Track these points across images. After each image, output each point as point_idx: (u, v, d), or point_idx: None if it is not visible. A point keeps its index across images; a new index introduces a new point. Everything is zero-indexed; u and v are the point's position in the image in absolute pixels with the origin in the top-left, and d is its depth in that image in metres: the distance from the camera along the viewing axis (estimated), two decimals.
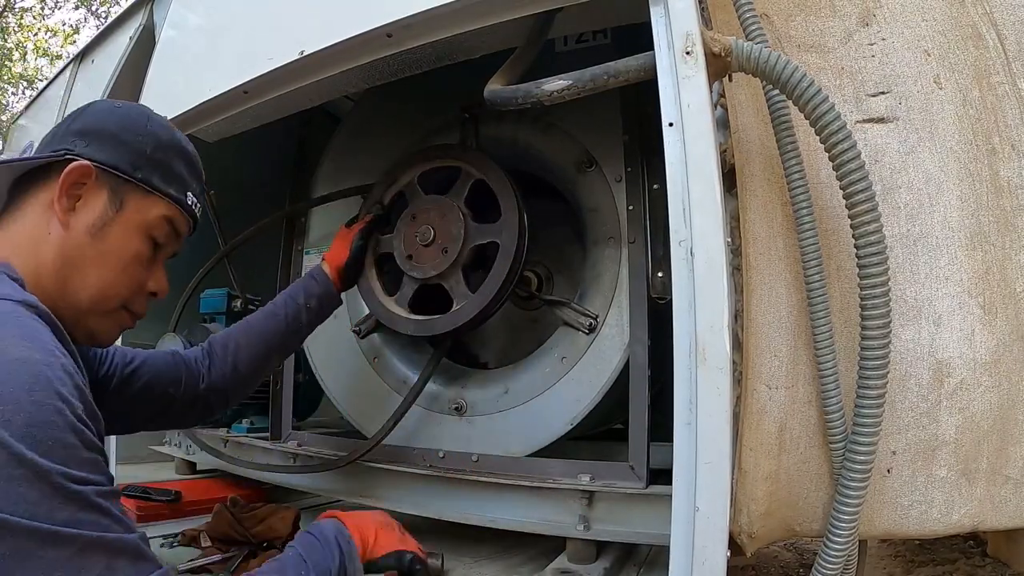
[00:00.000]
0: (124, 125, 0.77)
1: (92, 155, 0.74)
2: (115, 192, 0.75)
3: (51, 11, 10.90)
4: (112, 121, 0.77)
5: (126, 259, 0.77)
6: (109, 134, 0.76)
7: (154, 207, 0.78)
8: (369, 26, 0.99)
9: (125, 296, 0.78)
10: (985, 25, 0.94)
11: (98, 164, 0.74)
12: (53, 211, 0.72)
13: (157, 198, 0.78)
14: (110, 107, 0.79)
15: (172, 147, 0.81)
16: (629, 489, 1.08)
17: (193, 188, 0.83)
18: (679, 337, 0.72)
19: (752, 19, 0.89)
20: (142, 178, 0.77)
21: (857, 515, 0.79)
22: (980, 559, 2.24)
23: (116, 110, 0.79)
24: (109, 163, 0.75)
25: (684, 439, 0.71)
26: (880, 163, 0.88)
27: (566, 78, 0.82)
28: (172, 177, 0.80)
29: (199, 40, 1.34)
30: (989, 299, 0.84)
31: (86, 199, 0.74)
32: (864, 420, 0.77)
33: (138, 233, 0.78)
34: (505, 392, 1.30)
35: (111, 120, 0.77)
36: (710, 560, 0.68)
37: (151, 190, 0.78)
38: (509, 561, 1.22)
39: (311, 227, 1.67)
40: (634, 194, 1.22)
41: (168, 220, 0.80)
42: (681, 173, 0.74)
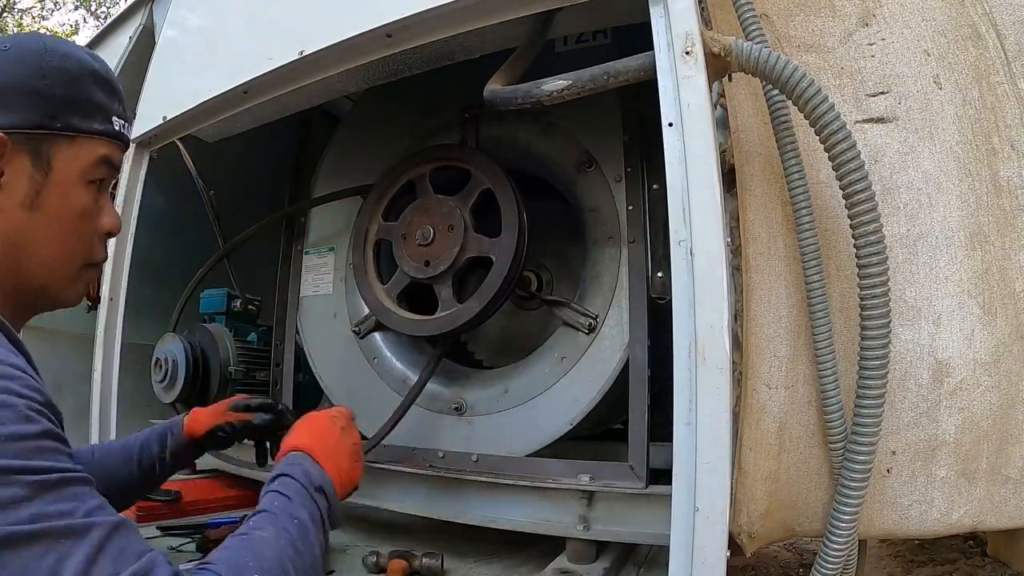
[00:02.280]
0: (22, 72, 0.66)
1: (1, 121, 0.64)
2: (38, 153, 0.66)
3: (50, 12, 10.90)
4: (8, 72, 0.66)
5: (73, 219, 0.70)
6: (8, 89, 0.65)
7: (85, 151, 0.70)
8: (369, 26, 0.99)
9: (83, 254, 0.72)
10: (985, 25, 0.94)
11: (8, 130, 0.64)
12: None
13: (84, 139, 0.69)
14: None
15: (81, 76, 0.70)
16: (629, 489, 1.08)
17: (115, 110, 0.73)
18: (679, 337, 0.72)
19: (752, 19, 0.89)
20: (62, 126, 0.67)
21: (857, 515, 0.79)
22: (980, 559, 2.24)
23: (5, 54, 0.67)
24: (20, 124, 0.65)
25: (684, 439, 0.71)
26: (880, 163, 0.88)
27: (566, 78, 0.82)
28: (93, 109, 0.70)
29: (199, 40, 1.34)
30: (989, 299, 0.84)
31: (8, 172, 0.65)
32: (864, 420, 0.77)
33: (77, 186, 0.69)
34: (505, 392, 1.30)
35: (7, 72, 0.66)
36: (710, 560, 0.68)
37: (76, 134, 0.68)
38: (509, 561, 1.22)
39: (311, 227, 1.67)
40: (634, 194, 1.22)
41: (103, 158, 0.71)
42: (681, 173, 0.74)
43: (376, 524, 1.48)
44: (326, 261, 1.60)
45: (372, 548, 1.23)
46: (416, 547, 1.20)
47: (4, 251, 0.65)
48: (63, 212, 0.69)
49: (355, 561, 1.22)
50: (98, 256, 0.74)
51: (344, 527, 1.45)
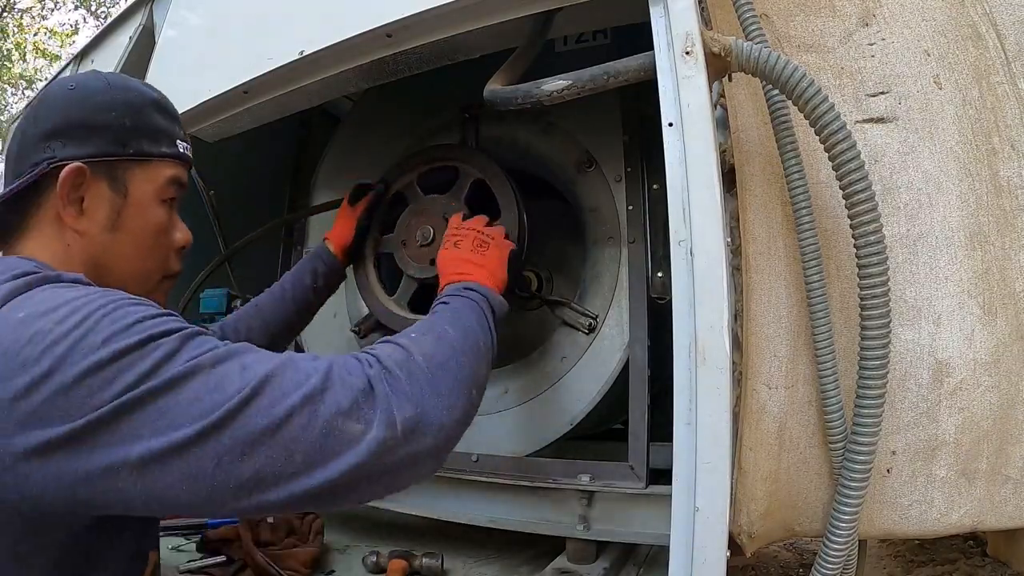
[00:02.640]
0: (90, 106, 0.72)
1: (76, 152, 0.70)
2: (114, 178, 0.73)
3: (50, 12, 10.90)
4: (76, 108, 0.72)
5: (151, 236, 0.76)
6: (82, 123, 0.71)
7: (156, 173, 0.76)
8: (369, 26, 0.99)
9: (161, 268, 0.78)
10: (985, 25, 0.94)
11: (88, 159, 0.70)
12: (62, 223, 0.70)
13: (155, 163, 0.76)
14: (65, 92, 0.74)
15: (144, 105, 0.76)
16: (629, 489, 1.08)
17: (178, 134, 0.80)
18: (679, 337, 0.72)
19: (752, 19, 0.89)
20: (134, 152, 0.74)
21: (857, 515, 0.79)
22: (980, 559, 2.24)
23: (73, 93, 0.73)
24: (98, 153, 0.71)
25: (684, 439, 0.71)
26: (880, 163, 0.88)
27: (566, 78, 0.82)
28: (158, 135, 0.77)
29: (199, 40, 1.34)
30: (989, 299, 0.84)
31: (89, 198, 0.71)
32: (864, 420, 0.77)
33: (151, 205, 0.76)
34: (505, 392, 1.30)
35: (75, 107, 0.72)
36: (710, 560, 0.68)
37: (147, 158, 0.75)
38: (509, 561, 1.22)
39: (311, 228, 1.67)
40: (634, 194, 1.22)
41: (173, 178, 0.78)
42: (681, 173, 0.74)
43: (376, 524, 1.48)
44: None
45: (372, 548, 1.23)
46: (416, 547, 1.20)
47: (92, 270, 0.70)
48: (142, 231, 0.75)
49: (355, 561, 1.22)
50: (174, 268, 0.81)
51: (344, 527, 1.45)
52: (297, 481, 0.55)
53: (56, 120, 0.71)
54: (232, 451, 0.53)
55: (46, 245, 0.70)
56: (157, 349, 0.55)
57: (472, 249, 1.01)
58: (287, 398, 0.55)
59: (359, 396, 0.58)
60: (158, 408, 0.53)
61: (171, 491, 0.53)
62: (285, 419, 0.54)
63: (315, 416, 0.56)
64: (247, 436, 0.53)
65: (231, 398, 0.54)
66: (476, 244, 1.02)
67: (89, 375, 0.52)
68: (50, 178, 0.69)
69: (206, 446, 0.53)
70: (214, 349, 0.57)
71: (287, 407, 0.55)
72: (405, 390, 0.61)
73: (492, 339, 0.83)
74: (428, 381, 0.64)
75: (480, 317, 0.83)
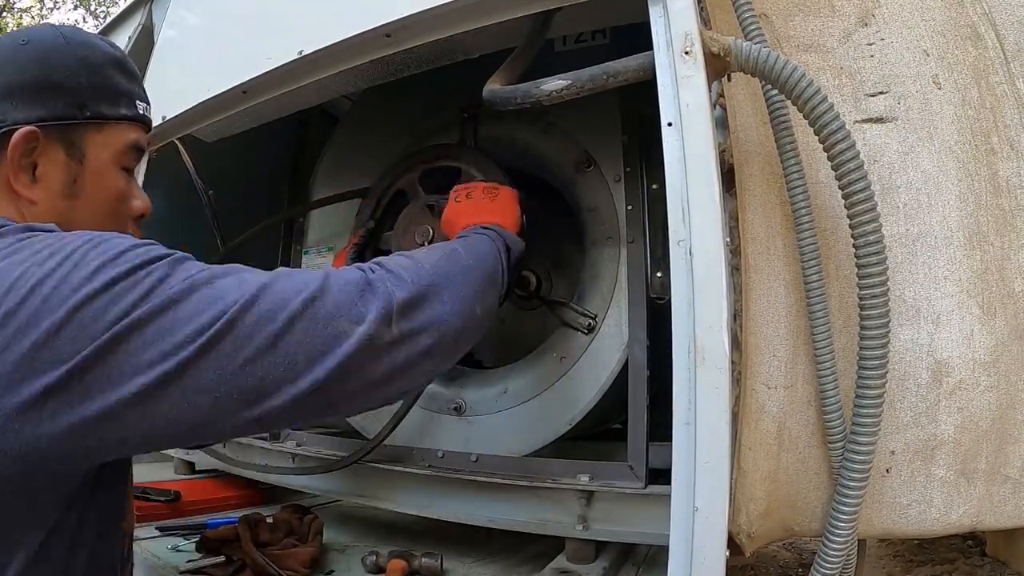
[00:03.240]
0: (45, 64, 0.66)
1: (29, 116, 0.65)
2: (70, 143, 0.67)
3: (49, 11, 10.89)
4: (30, 65, 0.66)
5: (109, 204, 0.72)
6: (35, 83, 0.66)
7: (115, 137, 0.71)
8: (368, 26, 0.99)
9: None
10: (984, 25, 0.94)
11: (41, 123, 0.65)
12: (13, 192, 0.65)
13: (113, 126, 0.71)
14: (16, 48, 0.67)
15: (103, 63, 0.70)
16: (628, 489, 1.08)
17: (138, 94, 0.75)
18: (678, 337, 0.72)
19: (751, 19, 0.89)
20: (91, 115, 0.68)
21: (856, 515, 0.78)
22: (979, 559, 2.25)
23: (25, 49, 0.66)
24: (52, 117, 0.66)
25: (683, 439, 0.70)
26: (879, 163, 0.88)
27: (565, 78, 0.82)
28: (118, 96, 0.71)
29: (198, 40, 1.34)
30: (988, 299, 0.84)
31: (43, 164, 0.66)
32: (863, 420, 0.77)
33: (110, 172, 0.71)
34: (504, 392, 1.30)
35: (29, 65, 0.66)
36: (709, 560, 0.68)
37: (105, 121, 0.70)
38: (508, 561, 1.22)
39: (310, 228, 1.67)
40: (633, 194, 1.22)
41: (133, 143, 0.73)
42: (680, 173, 0.74)
43: (375, 524, 1.48)
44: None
45: (371, 548, 1.23)
46: (415, 547, 1.20)
47: None
48: (100, 197, 0.71)
49: (354, 561, 1.22)
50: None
51: (343, 527, 1.45)
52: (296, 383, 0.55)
53: (6, 79, 0.65)
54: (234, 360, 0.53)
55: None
56: (150, 275, 0.53)
57: (484, 196, 1.02)
58: (287, 303, 0.55)
59: (357, 295, 0.59)
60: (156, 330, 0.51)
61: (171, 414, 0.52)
62: (287, 323, 0.55)
63: (315, 318, 0.56)
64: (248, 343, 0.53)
65: (229, 307, 0.53)
66: (486, 191, 1.03)
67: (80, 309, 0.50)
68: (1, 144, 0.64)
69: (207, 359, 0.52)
70: (209, 268, 0.57)
71: (288, 312, 0.55)
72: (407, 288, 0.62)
73: (504, 272, 0.83)
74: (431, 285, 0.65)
75: (494, 249, 0.84)
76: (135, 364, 0.50)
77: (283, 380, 0.54)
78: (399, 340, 0.60)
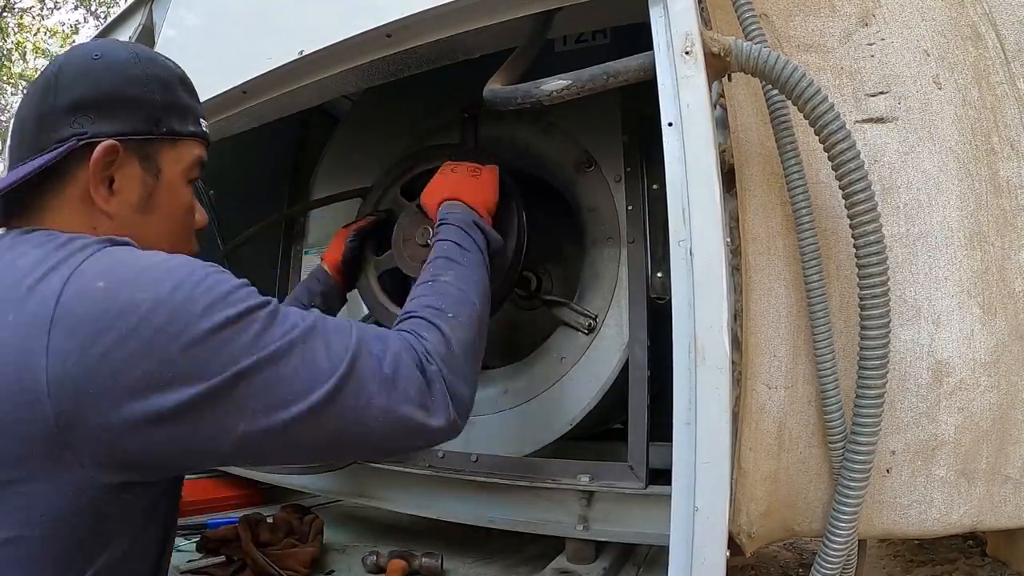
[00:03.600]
0: (120, 78, 0.68)
1: (108, 129, 0.66)
2: (146, 157, 0.69)
3: (50, 11, 10.89)
4: (105, 79, 0.67)
5: (181, 218, 0.75)
6: (112, 97, 0.67)
7: (186, 152, 0.74)
8: (369, 26, 0.99)
9: (188, 249, 0.76)
10: (984, 25, 0.94)
11: (121, 137, 0.66)
12: (90, 204, 0.66)
13: (184, 142, 0.73)
14: (89, 61, 0.68)
15: (172, 81, 0.73)
16: (628, 489, 1.08)
17: (201, 111, 0.78)
18: (678, 337, 0.72)
19: (751, 19, 0.89)
20: (167, 131, 0.70)
21: (856, 515, 0.78)
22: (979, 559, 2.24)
23: (99, 63, 0.67)
24: (130, 131, 0.67)
25: (683, 439, 0.70)
26: (879, 163, 0.88)
27: (565, 78, 0.82)
28: (187, 114, 0.74)
29: (198, 40, 1.34)
30: (988, 299, 0.84)
31: (120, 178, 0.67)
32: (863, 420, 0.77)
33: (180, 186, 0.74)
34: (505, 392, 1.30)
35: (106, 80, 0.67)
36: (709, 560, 0.68)
37: (178, 137, 0.72)
38: (508, 561, 1.22)
39: (310, 227, 1.67)
40: (633, 194, 1.22)
41: (199, 159, 0.76)
42: (680, 173, 0.74)
43: (376, 524, 1.48)
44: None
45: (371, 548, 1.23)
46: (416, 547, 1.20)
47: None
48: (173, 212, 0.74)
49: (354, 561, 1.22)
50: (195, 250, 0.80)
51: (344, 527, 1.45)
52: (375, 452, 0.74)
53: (82, 92, 0.66)
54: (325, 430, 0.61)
55: (71, 226, 0.65)
56: (255, 322, 0.58)
57: (467, 174, 1.06)
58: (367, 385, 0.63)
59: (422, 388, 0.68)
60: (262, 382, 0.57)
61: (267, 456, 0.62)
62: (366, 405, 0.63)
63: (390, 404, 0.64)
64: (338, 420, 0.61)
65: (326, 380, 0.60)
66: (470, 170, 1.07)
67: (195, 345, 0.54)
68: (79, 155, 0.65)
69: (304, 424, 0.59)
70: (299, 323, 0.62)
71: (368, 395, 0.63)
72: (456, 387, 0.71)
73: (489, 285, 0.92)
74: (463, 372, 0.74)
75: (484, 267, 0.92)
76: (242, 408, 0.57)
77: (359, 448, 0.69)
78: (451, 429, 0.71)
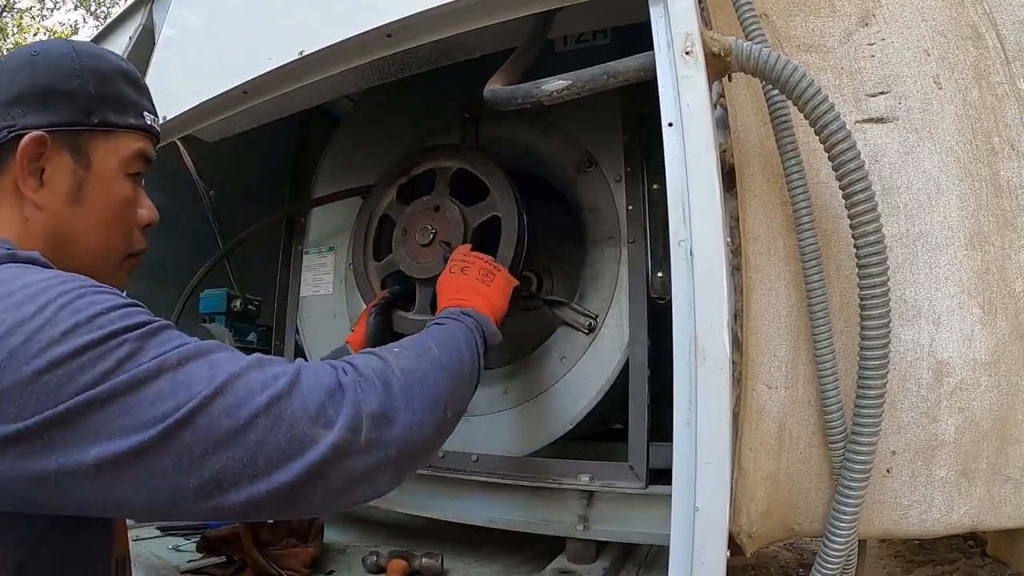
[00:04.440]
0: (55, 73, 0.68)
1: (38, 121, 0.66)
2: (77, 148, 0.69)
3: (50, 12, 10.89)
4: (40, 74, 0.68)
5: (115, 210, 0.73)
6: (45, 90, 0.67)
7: (121, 145, 0.73)
8: (369, 26, 0.99)
9: (125, 244, 0.75)
10: (985, 25, 0.94)
11: (49, 128, 0.67)
12: (20, 196, 0.66)
13: (120, 134, 0.73)
14: (28, 58, 0.69)
15: (111, 74, 0.73)
16: (629, 489, 1.08)
17: (145, 105, 0.77)
18: (679, 337, 0.72)
19: (752, 19, 0.89)
20: (99, 122, 0.70)
21: (857, 515, 0.79)
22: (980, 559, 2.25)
23: (35, 58, 0.69)
24: (60, 122, 0.68)
25: (684, 439, 0.71)
26: (880, 163, 0.88)
27: (566, 78, 0.82)
28: (125, 106, 0.73)
29: (198, 40, 1.34)
30: (989, 299, 0.84)
31: (50, 169, 0.67)
32: (864, 420, 0.77)
33: (116, 178, 0.73)
34: (505, 392, 1.30)
35: (39, 74, 0.68)
36: (710, 560, 0.68)
37: (112, 129, 0.72)
38: (509, 561, 1.22)
39: (311, 227, 1.67)
40: (634, 194, 1.22)
41: (139, 152, 0.75)
42: (681, 173, 0.74)
43: (376, 524, 1.48)
44: (326, 261, 1.60)
45: (372, 548, 1.23)
46: (416, 547, 1.21)
47: (52, 245, 0.67)
48: (105, 204, 0.72)
49: (355, 561, 1.22)
50: (138, 246, 0.78)
51: (344, 527, 1.45)
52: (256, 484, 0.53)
53: (19, 88, 0.67)
54: (192, 451, 0.51)
55: (3, 219, 0.67)
56: (121, 347, 0.52)
57: (479, 278, 1.02)
58: (253, 398, 0.54)
59: (326, 398, 0.57)
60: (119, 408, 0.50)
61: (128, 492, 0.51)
62: (249, 420, 0.53)
63: (280, 418, 0.54)
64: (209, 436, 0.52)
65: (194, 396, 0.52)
66: (483, 273, 1.02)
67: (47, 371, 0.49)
68: (10, 148, 0.66)
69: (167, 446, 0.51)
70: (181, 346, 0.55)
71: (252, 408, 0.53)
72: (377, 396, 0.61)
73: (479, 365, 0.82)
74: (402, 392, 0.63)
75: (470, 341, 0.83)
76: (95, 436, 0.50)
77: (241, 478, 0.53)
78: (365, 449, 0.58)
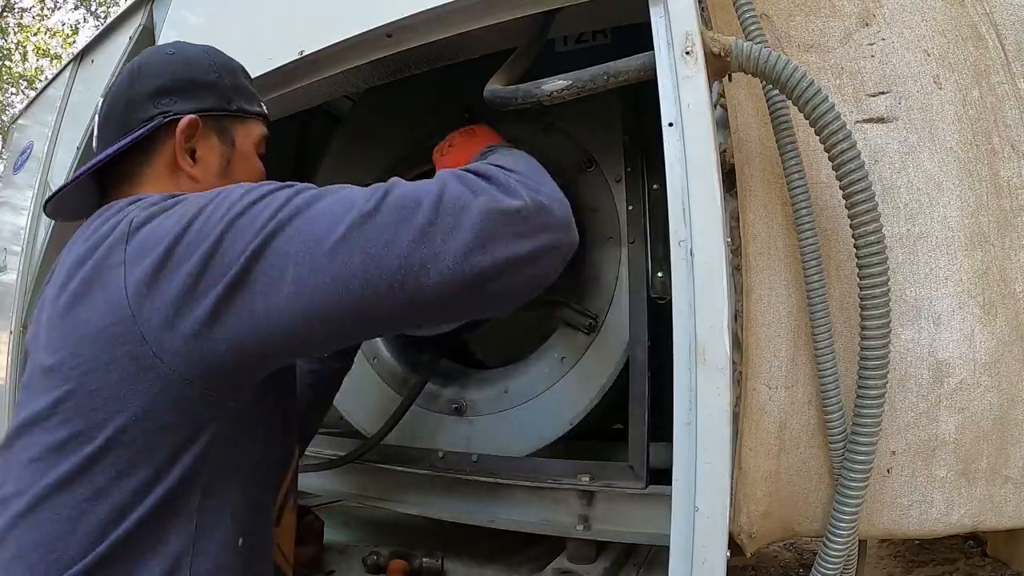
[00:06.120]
0: (196, 68, 0.82)
1: (188, 107, 0.79)
2: (222, 131, 0.82)
3: (50, 11, 10.89)
4: (184, 70, 0.81)
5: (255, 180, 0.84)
6: (190, 82, 0.80)
7: (253, 128, 0.87)
8: (369, 26, 0.99)
9: None
10: (985, 25, 0.94)
11: (200, 112, 0.79)
12: (177, 170, 0.78)
13: (250, 120, 0.87)
14: (167, 58, 0.82)
15: (236, 69, 0.87)
16: (629, 489, 1.08)
17: (260, 98, 0.91)
18: (679, 337, 0.72)
19: (752, 19, 0.89)
20: (236, 109, 0.84)
21: (857, 515, 0.79)
22: (980, 559, 2.25)
23: (174, 58, 0.82)
24: (208, 108, 0.80)
25: (684, 439, 0.71)
26: (880, 163, 0.88)
27: (566, 78, 0.82)
28: (251, 96, 0.88)
29: (198, 40, 1.34)
30: (989, 299, 0.84)
31: (201, 149, 0.80)
32: (864, 420, 0.77)
33: (253, 155, 0.87)
34: (505, 392, 1.30)
35: (182, 69, 0.81)
36: (710, 560, 0.68)
37: (246, 115, 0.85)
38: (509, 561, 1.22)
39: None
40: (634, 194, 1.22)
41: (264, 135, 0.89)
42: (681, 173, 0.74)
43: (376, 524, 1.48)
44: None
45: (372, 548, 1.23)
46: (416, 547, 1.20)
47: None
48: (248, 176, 0.85)
49: (355, 561, 1.22)
50: None
51: (344, 527, 1.45)
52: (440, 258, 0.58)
53: (163, 80, 0.80)
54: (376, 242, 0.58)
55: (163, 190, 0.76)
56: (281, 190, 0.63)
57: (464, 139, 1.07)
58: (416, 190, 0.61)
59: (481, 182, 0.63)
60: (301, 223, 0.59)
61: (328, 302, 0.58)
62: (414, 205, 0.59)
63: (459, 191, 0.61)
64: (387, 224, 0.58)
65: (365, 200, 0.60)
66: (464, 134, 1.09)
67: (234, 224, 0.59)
68: (164, 130, 0.78)
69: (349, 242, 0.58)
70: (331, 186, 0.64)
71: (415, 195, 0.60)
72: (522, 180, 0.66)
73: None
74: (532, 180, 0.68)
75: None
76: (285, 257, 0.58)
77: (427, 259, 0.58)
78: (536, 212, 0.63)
